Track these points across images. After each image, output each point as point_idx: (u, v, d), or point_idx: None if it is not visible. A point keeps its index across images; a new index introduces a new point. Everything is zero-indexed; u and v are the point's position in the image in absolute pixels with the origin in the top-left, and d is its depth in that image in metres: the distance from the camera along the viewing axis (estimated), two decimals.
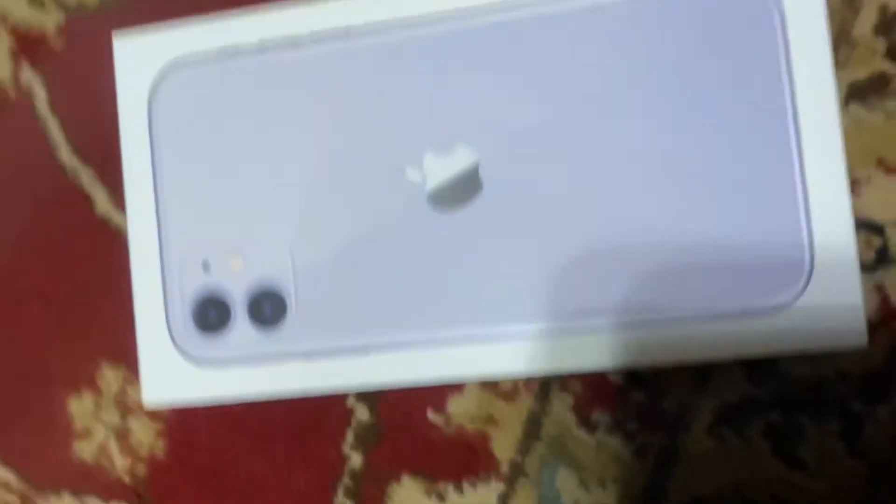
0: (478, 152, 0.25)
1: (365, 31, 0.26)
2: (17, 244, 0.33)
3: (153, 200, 0.27)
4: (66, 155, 0.32)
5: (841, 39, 0.27)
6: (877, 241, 0.27)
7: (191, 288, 0.27)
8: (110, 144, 0.28)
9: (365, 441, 0.30)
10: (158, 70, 0.27)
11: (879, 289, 0.27)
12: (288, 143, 0.26)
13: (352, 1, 0.26)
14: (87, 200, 0.32)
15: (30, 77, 0.32)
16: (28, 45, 0.32)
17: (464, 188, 0.25)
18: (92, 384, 0.32)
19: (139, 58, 0.27)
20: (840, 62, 0.27)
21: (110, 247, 0.31)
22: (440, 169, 0.25)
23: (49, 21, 0.32)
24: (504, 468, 0.29)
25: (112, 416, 0.32)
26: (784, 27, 0.24)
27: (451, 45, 0.25)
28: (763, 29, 0.24)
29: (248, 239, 0.27)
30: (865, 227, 0.27)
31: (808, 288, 0.24)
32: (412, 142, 0.25)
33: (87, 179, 0.32)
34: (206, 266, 0.27)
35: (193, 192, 0.27)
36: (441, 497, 0.30)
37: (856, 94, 0.27)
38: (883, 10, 0.27)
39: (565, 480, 0.29)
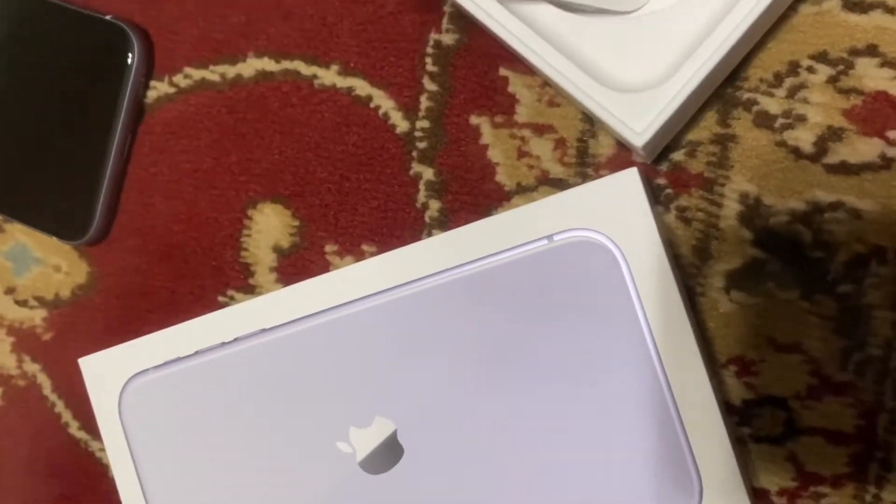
0: (394, 423, 0.29)
1: (275, 328, 0.30)
2: None
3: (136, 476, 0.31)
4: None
5: (710, 235, 0.29)
6: (782, 415, 0.29)
7: None
8: None
9: None
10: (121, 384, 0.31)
11: (792, 457, 0.29)
12: (233, 426, 0.30)
13: (259, 303, 0.30)
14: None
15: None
16: None
17: (388, 453, 0.28)
18: None
19: (104, 374, 0.31)
20: (714, 255, 0.29)
21: None
22: (365, 439, 0.29)
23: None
24: None
25: None
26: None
27: (346, 329, 0.29)
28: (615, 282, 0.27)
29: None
30: (769, 402, 0.29)
31: None
32: (337, 418, 0.29)
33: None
34: None
35: (164, 467, 0.31)
36: None
37: (735, 282, 0.29)
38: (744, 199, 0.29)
39: None
